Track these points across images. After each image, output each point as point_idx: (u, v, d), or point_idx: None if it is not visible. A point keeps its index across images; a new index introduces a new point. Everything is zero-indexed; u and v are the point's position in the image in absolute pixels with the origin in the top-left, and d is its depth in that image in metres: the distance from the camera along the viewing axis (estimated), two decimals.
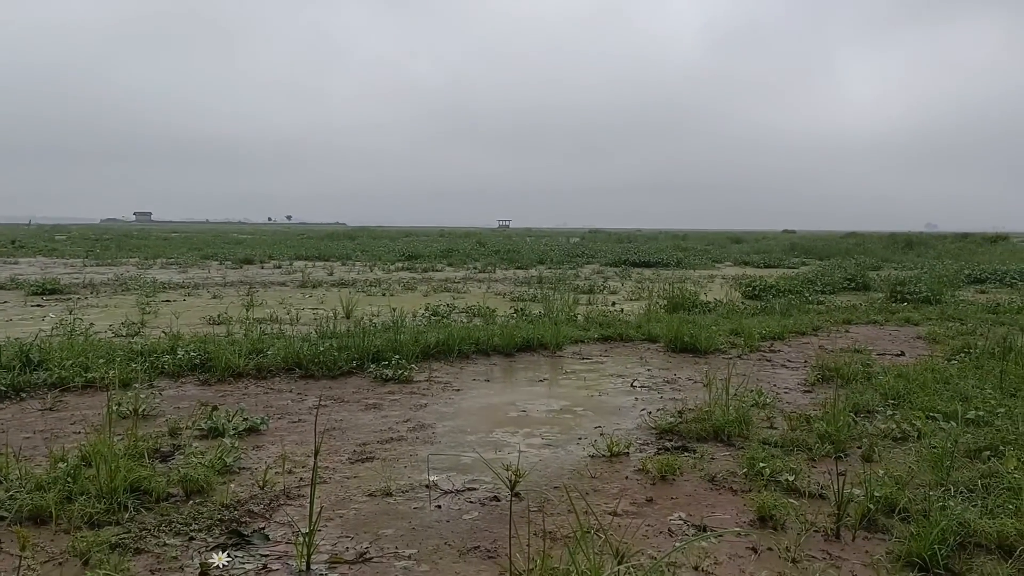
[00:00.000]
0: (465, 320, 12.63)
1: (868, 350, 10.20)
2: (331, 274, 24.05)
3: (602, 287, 20.22)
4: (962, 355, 9.40)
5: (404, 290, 19.07)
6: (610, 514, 4.48)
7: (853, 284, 19.91)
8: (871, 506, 4.36)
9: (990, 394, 7.10)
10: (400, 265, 28.53)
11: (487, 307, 13.81)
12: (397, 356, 8.51)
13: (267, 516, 4.34)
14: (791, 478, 4.92)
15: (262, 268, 26.72)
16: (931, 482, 4.81)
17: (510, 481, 2.89)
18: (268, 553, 3.85)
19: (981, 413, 6.41)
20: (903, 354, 10.05)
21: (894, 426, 6.15)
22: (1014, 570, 3.67)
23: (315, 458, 3.68)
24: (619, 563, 2.74)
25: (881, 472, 4.95)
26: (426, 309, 13.91)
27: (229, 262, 28.99)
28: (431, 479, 5.02)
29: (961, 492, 4.65)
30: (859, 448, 5.72)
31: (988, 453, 5.37)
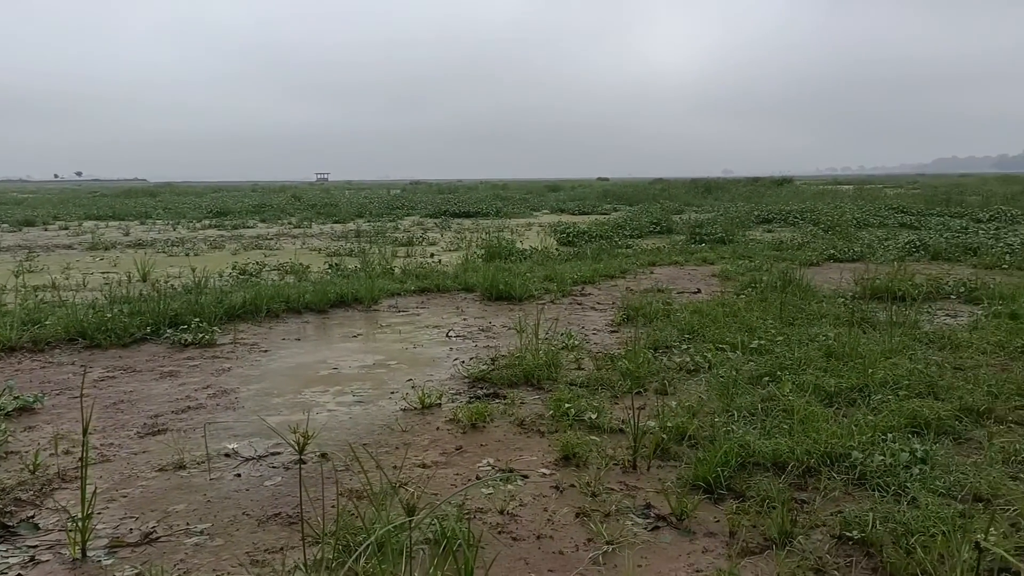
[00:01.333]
0: (277, 278, 12.08)
1: (669, 289, 10.82)
2: (127, 235, 22.19)
3: (421, 239, 20.08)
4: (749, 290, 10.20)
5: (211, 249, 17.95)
6: (419, 466, 4.45)
7: (659, 228, 21.06)
8: (664, 436, 4.63)
9: (771, 324, 7.75)
10: (207, 223, 26.81)
11: (300, 264, 13.29)
12: (197, 319, 7.97)
13: (38, 503, 3.92)
14: (594, 416, 5.11)
15: (45, 230, 24.16)
16: (718, 409, 5.17)
17: (299, 444, 2.75)
18: (37, 543, 3.48)
19: (763, 342, 6.98)
20: (699, 291, 10.76)
21: (688, 359, 6.57)
22: (786, 484, 4.02)
23: (84, 434, 3.32)
24: (409, 516, 2.68)
25: (674, 404, 5.27)
26: (234, 268, 13.17)
27: (6, 225, 25.96)
28: (231, 447, 4.75)
29: (744, 417, 5.04)
30: (661, 383, 6.04)
31: (768, 379, 5.86)
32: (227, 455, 4.64)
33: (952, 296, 9.97)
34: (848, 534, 3.43)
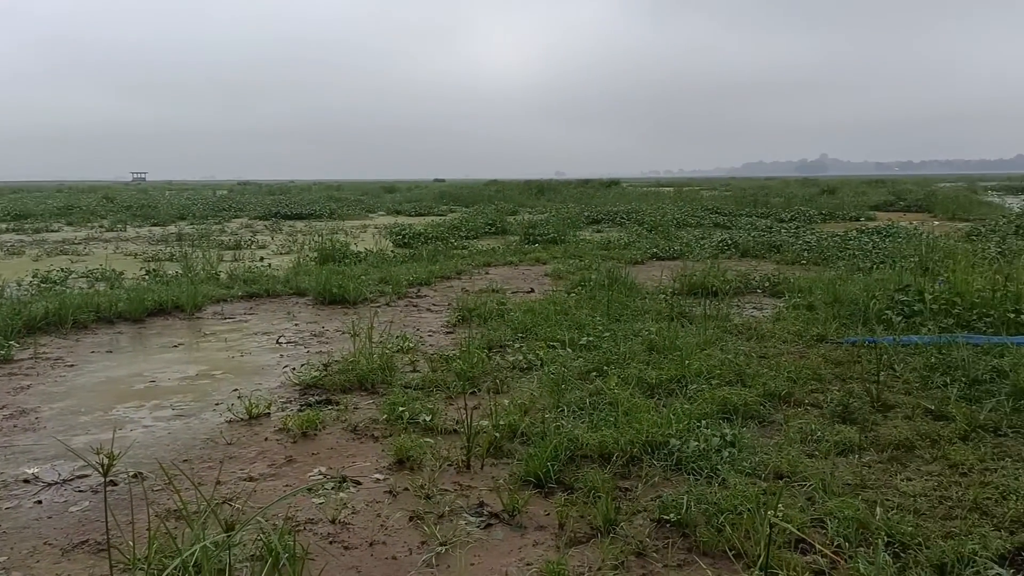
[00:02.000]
0: (85, 286, 11.16)
1: (504, 289, 11.02)
2: None
3: (250, 242, 19.24)
4: (579, 288, 10.58)
5: (8, 256, 16.30)
6: (245, 480, 4.27)
7: (494, 229, 21.38)
8: (497, 435, 4.70)
9: (599, 321, 8.09)
10: (4, 227, 24.32)
11: (113, 270, 12.35)
12: None
13: None
14: (429, 418, 5.12)
15: None
16: (549, 405, 5.33)
17: (103, 465, 2.55)
18: None
19: (592, 339, 7.26)
20: (533, 291, 11.04)
21: (521, 358, 6.71)
22: (611, 474, 4.20)
23: None
24: (226, 532, 2.56)
25: (507, 402, 5.37)
26: (35, 276, 12.02)
27: None
28: (30, 471, 4.33)
29: (573, 411, 5.22)
30: (493, 382, 6.13)
31: (595, 374, 6.11)
32: (26, 481, 4.24)
33: (758, 290, 10.83)
34: (666, 517, 3.64)
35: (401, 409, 5.22)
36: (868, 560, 3.13)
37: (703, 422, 4.86)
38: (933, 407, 5.22)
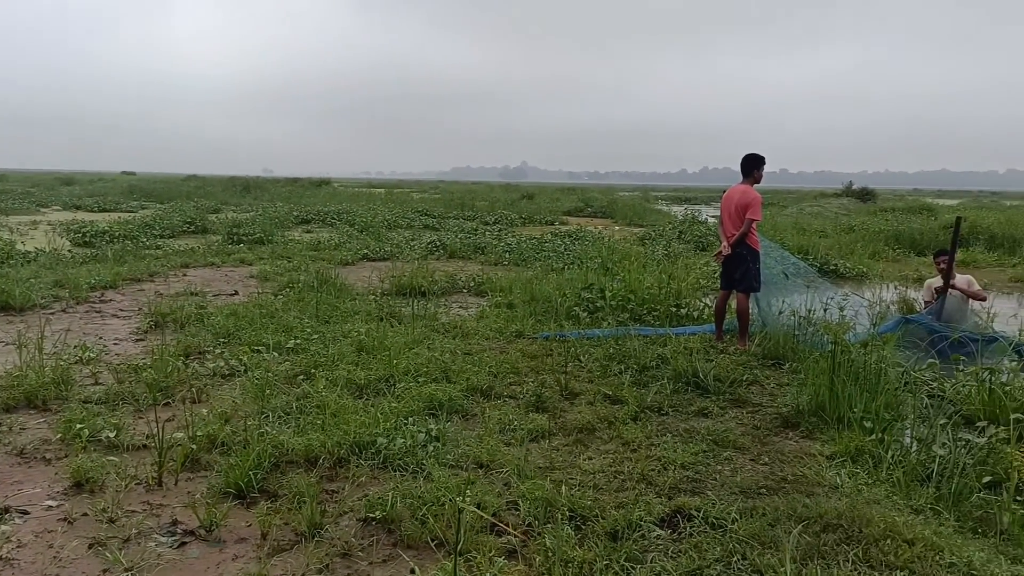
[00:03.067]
0: None
1: (204, 292, 10.33)
2: None
3: None
4: (288, 290, 10.27)
5: None
6: None
7: (193, 227, 19.96)
8: (194, 447, 4.42)
9: (308, 323, 7.93)
10: None
11: None
12: None
13: None
14: (114, 434, 4.66)
15: None
16: (253, 412, 5.12)
17: None
18: None
19: (299, 341, 7.10)
20: (237, 293, 10.50)
21: (223, 364, 6.36)
22: (317, 477, 4.16)
23: None
24: None
25: (206, 411, 5.06)
26: None
27: None
28: None
29: (279, 417, 5.07)
30: (189, 391, 5.74)
31: (303, 377, 5.99)
32: None
33: (465, 290, 11.33)
34: (372, 515, 3.69)
35: (79, 426, 4.68)
36: (554, 534, 3.45)
37: (410, 419, 4.99)
38: (611, 392, 5.86)
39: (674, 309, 9.06)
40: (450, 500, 3.68)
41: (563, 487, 4.00)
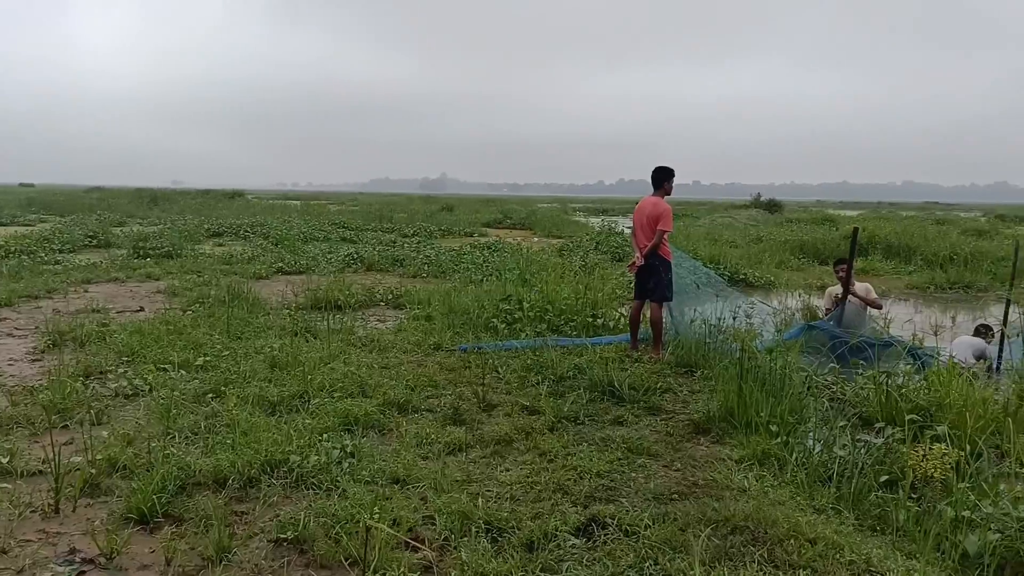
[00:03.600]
0: None
1: (107, 308, 9.89)
2: None
3: None
4: (197, 305, 9.94)
5: None
6: None
7: (96, 241, 19.12)
8: (94, 471, 4.23)
9: (219, 340, 7.69)
10: None
11: None
12: None
13: None
14: (6, 460, 4.41)
15: None
16: (158, 433, 4.93)
17: None
18: None
19: (209, 359, 6.88)
20: (142, 309, 10.10)
21: (126, 384, 6.10)
22: (226, 499, 4.03)
23: None
24: None
25: (107, 434, 4.85)
26: None
27: None
28: None
29: (186, 437, 4.90)
30: (88, 412, 5.48)
31: (212, 395, 5.80)
32: None
33: (382, 303, 11.21)
34: (284, 536, 3.60)
35: None
36: (469, 548, 3.44)
37: (325, 436, 4.90)
38: (528, 403, 5.89)
39: (591, 319, 9.20)
40: (366, 517, 3.62)
41: (480, 500, 4.00)
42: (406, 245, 20.37)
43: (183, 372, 6.47)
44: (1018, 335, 8.19)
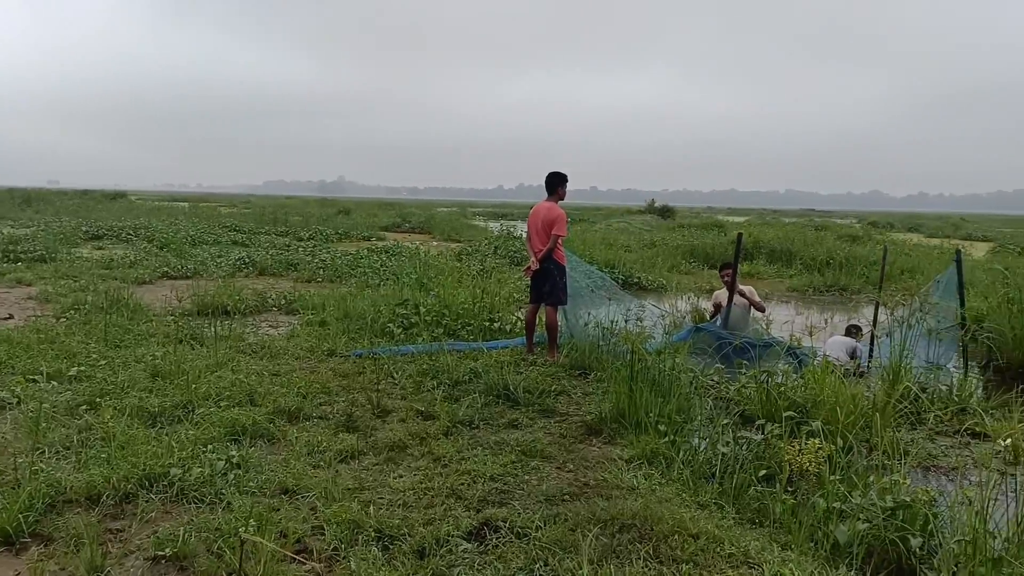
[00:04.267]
0: None
1: None
2: None
3: None
4: (72, 312, 9.40)
5: None
6: None
7: None
8: None
9: (95, 348, 7.29)
10: None
11: None
12: None
13: None
14: None
15: None
16: (26, 448, 4.62)
17: None
18: None
19: (84, 368, 6.51)
20: (11, 317, 9.45)
21: None
22: (100, 516, 3.82)
23: None
24: None
25: None
26: None
27: None
28: None
29: (57, 452, 4.62)
30: None
31: (86, 407, 5.49)
32: None
33: (275, 308, 10.90)
34: (162, 553, 3.44)
35: None
36: (359, 557, 3.38)
37: (209, 447, 4.72)
38: (423, 408, 5.86)
39: (488, 323, 9.23)
40: (250, 530, 3.50)
41: (371, 507, 3.94)
42: (301, 249, 19.88)
43: (55, 383, 6.09)
44: (887, 335, 8.75)
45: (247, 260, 16.09)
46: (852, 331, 9.02)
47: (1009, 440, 4.08)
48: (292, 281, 14.09)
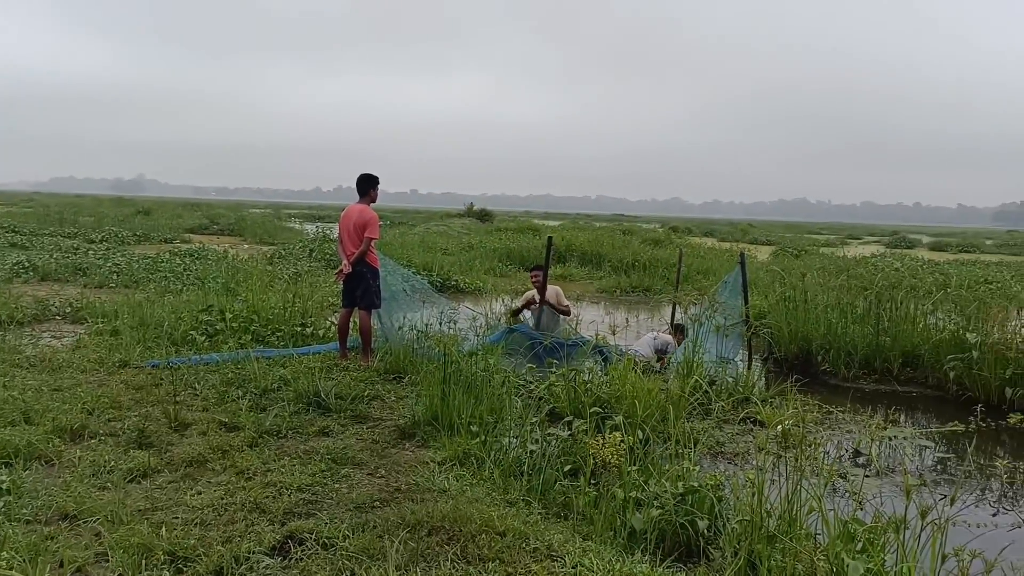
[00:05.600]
0: None
1: None
2: None
3: None
4: None
5: None
6: None
7: None
8: None
9: None
10: None
11: None
12: None
13: None
14: None
15: None
16: None
17: None
18: None
19: None
20: None
21: None
22: None
23: None
24: None
25: None
26: None
27: None
28: None
29: None
30: None
31: None
32: None
33: (59, 316, 9.93)
34: None
35: None
36: None
37: None
38: (227, 420, 5.56)
39: (299, 328, 8.94)
40: (20, 562, 3.16)
41: (164, 528, 3.68)
42: (91, 252, 18.22)
43: None
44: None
45: (27, 264, 14.51)
46: (678, 330, 9.51)
47: (780, 427, 4.49)
48: (80, 287, 12.86)
